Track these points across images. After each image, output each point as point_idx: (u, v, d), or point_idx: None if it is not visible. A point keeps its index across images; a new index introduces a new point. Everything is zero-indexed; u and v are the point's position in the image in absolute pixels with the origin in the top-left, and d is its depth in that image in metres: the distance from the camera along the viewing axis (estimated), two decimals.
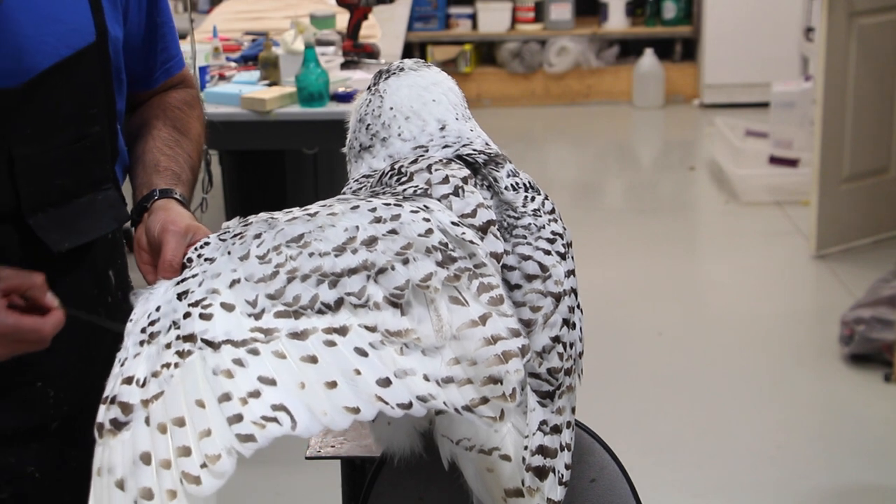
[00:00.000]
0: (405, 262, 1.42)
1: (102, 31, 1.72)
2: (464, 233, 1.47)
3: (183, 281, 1.43)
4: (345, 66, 4.27)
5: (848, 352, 4.13)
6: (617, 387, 4.02)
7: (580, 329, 1.59)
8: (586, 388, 1.64)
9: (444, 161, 1.57)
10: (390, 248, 1.42)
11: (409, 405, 1.36)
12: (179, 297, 1.41)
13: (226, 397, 1.33)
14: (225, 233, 1.47)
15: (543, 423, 1.51)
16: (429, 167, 1.55)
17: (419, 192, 1.52)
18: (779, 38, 7.19)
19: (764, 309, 4.65)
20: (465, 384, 1.40)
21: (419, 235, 1.44)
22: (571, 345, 1.56)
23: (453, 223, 1.48)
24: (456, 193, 1.52)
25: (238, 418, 1.32)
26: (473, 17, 7.77)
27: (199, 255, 1.46)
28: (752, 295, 4.82)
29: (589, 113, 7.62)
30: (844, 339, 4.16)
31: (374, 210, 1.46)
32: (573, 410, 1.57)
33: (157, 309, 1.41)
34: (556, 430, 1.53)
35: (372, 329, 1.39)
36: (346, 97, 3.81)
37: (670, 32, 7.74)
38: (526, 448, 1.49)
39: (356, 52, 4.38)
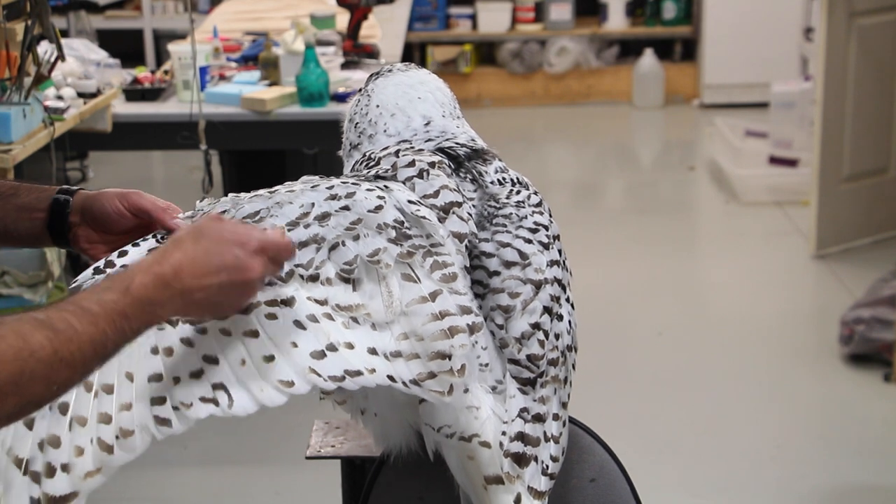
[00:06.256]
0: (355, 237, 1.45)
1: None
2: (419, 210, 1.49)
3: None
4: (345, 66, 4.28)
5: (847, 352, 4.13)
6: (617, 386, 4.02)
7: (570, 323, 1.60)
8: (586, 388, 1.65)
9: (417, 150, 1.59)
10: (340, 224, 1.45)
11: (342, 378, 1.38)
12: None
13: (157, 377, 1.36)
14: (197, 212, 1.51)
15: (524, 410, 1.52)
16: (396, 152, 1.58)
17: (384, 173, 1.55)
18: (778, 38, 7.19)
19: (764, 309, 4.65)
20: (413, 359, 1.43)
21: (369, 211, 1.46)
22: (558, 336, 1.56)
23: (410, 202, 1.50)
24: (420, 176, 1.54)
25: (161, 400, 1.35)
26: (473, 18, 7.76)
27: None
28: (752, 295, 4.82)
29: (589, 113, 7.62)
30: (844, 339, 4.15)
31: (331, 188, 1.49)
32: (564, 406, 1.58)
33: None
34: (539, 418, 1.53)
35: (322, 302, 1.42)
36: (346, 97, 3.81)
37: (670, 32, 7.74)
38: (504, 434, 1.50)
39: (356, 52, 4.38)
